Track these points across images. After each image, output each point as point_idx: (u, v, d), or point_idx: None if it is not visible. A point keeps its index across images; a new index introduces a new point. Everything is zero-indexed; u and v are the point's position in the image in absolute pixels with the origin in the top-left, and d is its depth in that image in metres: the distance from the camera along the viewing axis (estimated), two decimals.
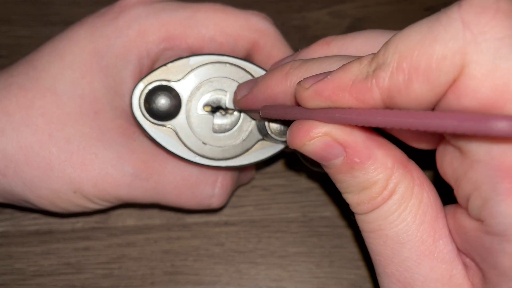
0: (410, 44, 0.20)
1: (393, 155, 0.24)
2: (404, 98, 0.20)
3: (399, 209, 0.24)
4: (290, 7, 0.44)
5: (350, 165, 0.24)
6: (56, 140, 0.31)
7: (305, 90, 0.23)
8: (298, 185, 0.39)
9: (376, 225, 0.25)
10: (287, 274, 0.37)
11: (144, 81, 0.30)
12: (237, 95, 0.30)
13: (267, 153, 0.32)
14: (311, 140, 0.24)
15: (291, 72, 0.26)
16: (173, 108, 0.31)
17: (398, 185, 0.24)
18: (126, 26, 0.31)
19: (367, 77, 0.21)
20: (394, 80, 0.20)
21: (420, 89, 0.20)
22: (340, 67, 0.22)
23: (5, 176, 0.31)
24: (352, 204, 0.25)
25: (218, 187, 0.33)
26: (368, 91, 0.21)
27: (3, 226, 0.37)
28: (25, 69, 0.32)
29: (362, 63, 0.22)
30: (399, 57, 0.20)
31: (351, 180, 0.24)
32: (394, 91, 0.20)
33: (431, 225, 0.24)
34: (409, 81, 0.20)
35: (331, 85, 0.22)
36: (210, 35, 0.32)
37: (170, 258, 0.37)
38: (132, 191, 0.32)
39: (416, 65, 0.20)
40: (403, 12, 0.44)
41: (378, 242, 0.25)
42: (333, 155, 0.24)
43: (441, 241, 0.24)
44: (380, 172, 0.24)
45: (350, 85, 0.22)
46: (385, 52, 0.21)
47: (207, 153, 0.31)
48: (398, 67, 0.20)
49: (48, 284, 0.36)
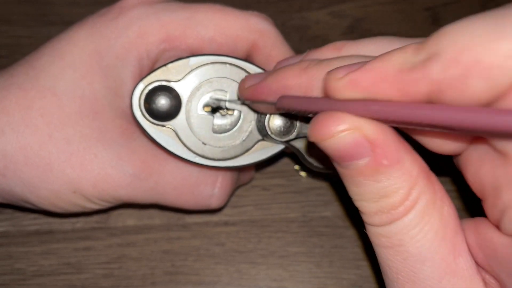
0: (472, 36, 0.18)
1: (419, 163, 0.22)
2: (456, 94, 0.18)
3: (421, 223, 0.22)
4: (290, 7, 0.44)
5: (376, 167, 0.22)
6: (55, 140, 0.30)
7: (338, 80, 0.21)
8: (298, 185, 0.39)
9: (395, 240, 0.22)
10: (287, 274, 0.37)
11: (144, 81, 0.30)
12: (245, 84, 0.29)
13: (267, 154, 0.32)
14: (338, 134, 0.21)
15: (310, 67, 0.24)
16: (173, 108, 0.31)
17: (421, 196, 0.22)
18: (126, 27, 0.31)
19: (415, 68, 0.19)
20: (448, 74, 0.18)
21: (477, 86, 0.18)
22: (378, 57, 0.20)
23: (5, 176, 0.31)
24: (368, 213, 0.23)
25: (218, 187, 0.33)
26: (414, 83, 0.19)
27: (3, 226, 0.37)
28: (25, 69, 0.31)
29: (406, 52, 0.20)
30: (457, 49, 0.18)
31: (371, 185, 0.22)
32: (445, 85, 0.18)
33: (451, 241, 0.22)
34: (466, 76, 0.18)
35: (371, 75, 0.20)
36: (210, 35, 0.32)
37: (170, 258, 0.37)
38: (132, 192, 0.32)
39: (478, 60, 0.18)
40: (403, 12, 0.44)
41: (397, 259, 0.23)
42: (359, 154, 0.22)
43: (461, 257, 0.22)
44: (406, 179, 0.22)
45: (393, 76, 0.20)
46: (438, 42, 0.19)
47: (207, 153, 0.31)
48: (455, 59, 0.18)
49: (48, 284, 0.36)
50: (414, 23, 0.44)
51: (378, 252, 0.24)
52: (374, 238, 0.24)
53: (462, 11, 0.43)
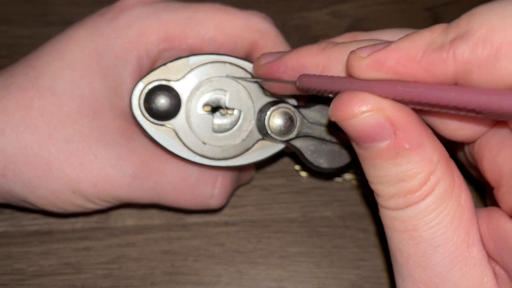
0: (504, 17, 0.18)
1: (439, 149, 0.22)
2: (485, 76, 0.18)
3: (438, 209, 0.22)
4: (290, 7, 0.44)
5: (397, 150, 0.21)
6: (55, 140, 0.30)
7: (362, 59, 0.21)
8: (298, 185, 0.39)
9: (410, 224, 0.22)
10: (287, 274, 0.37)
11: (144, 81, 0.30)
12: (261, 61, 0.28)
13: (267, 153, 0.32)
14: (362, 115, 0.21)
15: (328, 47, 0.24)
16: (172, 107, 0.31)
17: (439, 182, 0.22)
18: (126, 27, 0.31)
19: (443, 47, 0.19)
20: (478, 54, 0.18)
21: (508, 68, 0.18)
22: (404, 37, 0.20)
23: (4, 176, 0.31)
24: (384, 196, 0.23)
25: (218, 187, 0.33)
26: (442, 62, 0.19)
27: (3, 226, 0.37)
28: (25, 69, 0.31)
29: (434, 32, 0.19)
30: (488, 29, 0.18)
31: (390, 168, 0.22)
32: (474, 66, 0.18)
33: (466, 229, 0.22)
34: (496, 57, 0.18)
35: (397, 54, 0.20)
36: (210, 35, 0.32)
37: (170, 258, 0.37)
38: (132, 192, 0.32)
39: (510, 42, 0.17)
40: (403, 12, 0.44)
41: (409, 244, 0.23)
42: (380, 136, 0.21)
43: (474, 247, 0.22)
44: (425, 164, 0.21)
45: (420, 56, 0.19)
46: (469, 22, 0.18)
47: (207, 153, 0.31)
48: (486, 39, 0.18)
49: (48, 284, 0.36)
50: (414, 23, 0.44)
51: (390, 235, 0.24)
52: (387, 221, 0.23)
53: (462, 11, 0.43)
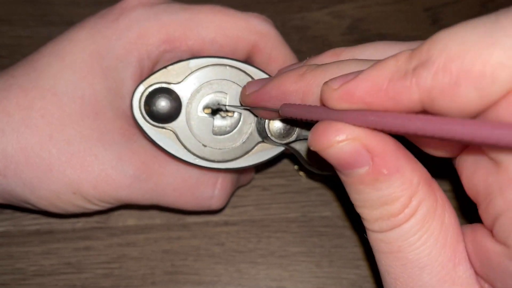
0: (463, 44, 0.18)
1: (419, 172, 0.22)
2: (447, 103, 0.18)
3: (421, 230, 0.22)
4: (290, 7, 0.44)
5: (376, 176, 0.22)
6: (56, 141, 0.31)
7: (334, 91, 0.21)
8: (298, 185, 0.39)
9: (395, 246, 0.23)
10: (287, 274, 0.37)
11: (144, 84, 0.30)
12: (246, 90, 0.29)
13: (267, 156, 0.32)
14: (339, 144, 0.21)
15: (307, 73, 0.24)
16: (173, 110, 0.31)
17: (421, 204, 0.22)
18: (127, 28, 0.31)
19: (406, 75, 0.19)
20: (438, 81, 0.18)
21: (467, 95, 0.18)
22: (372, 65, 0.20)
23: (5, 176, 0.31)
24: (369, 219, 0.23)
25: (218, 188, 0.33)
26: (406, 90, 0.19)
27: (4, 226, 0.37)
28: (26, 70, 0.31)
29: (399, 60, 0.20)
30: (447, 56, 0.18)
31: (372, 193, 0.22)
32: (436, 93, 0.18)
33: (452, 249, 0.22)
34: (456, 84, 0.18)
35: (365, 85, 0.20)
36: (211, 37, 0.32)
37: (170, 258, 0.37)
38: (132, 193, 0.32)
39: (468, 69, 0.17)
40: (403, 12, 0.44)
41: (396, 265, 0.23)
42: (358, 163, 0.22)
43: (461, 266, 0.22)
44: (406, 187, 0.22)
45: (386, 84, 0.19)
46: (429, 49, 0.18)
47: (207, 155, 0.31)
48: (445, 67, 0.18)
49: (48, 284, 0.36)
50: (414, 23, 0.44)
51: (378, 257, 0.24)
52: (374, 244, 0.24)
53: (462, 11, 0.43)
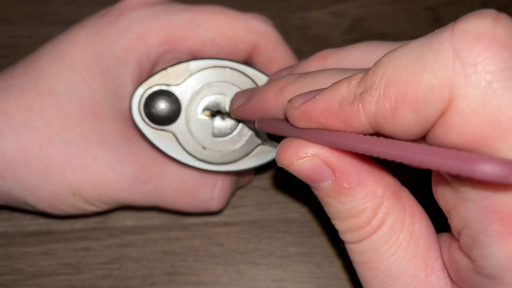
0: (398, 69, 0.19)
1: (384, 183, 0.23)
2: (391, 126, 0.19)
3: (390, 241, 0.23)
4: (290, 7, 0.44)
5: (338, 189, 0.23)
6: (55, 142, 0.30)
7: (295, 109, 0.22)
8: (298, 185, 0.39)
9: (366, 257, 0.24)
10: (287, 275, 0.37)
11: (144, 86, 0.30)
12: (233, 104, 0.30)
13: (267, 158, 0.32)
14: (300, 160, 0.23)
15: (286, 87, 0.25)
16: (172, 112, 0.31)
17: (388, 215, 0.23)
18: (126, 29, 0.31)
19: (354, 101, 0.20)
20: (380, 107, 0.19)
21: (406, 119, 0.19)
22: (329, 87, 0.21)
23: (4, 178, 0.31)
24: (340, 231, 0.24)
25: (218, 190, 0.33)
26: (354, 115, 0.20)
27: (2, 227, 0.37)
28: (25, 70, 0.31)
29: (350, 84, 0.21)
30: (386, 82, 0.19)
31: (338, 206, 0.23)
32: (380, 118, 0.19)
33: (423, 259, 0.23)
34: (395, 109, 0.19)
35: (319, 106, 0.21)
36: (211, 37, 0.32)
37: (169, 258, 0.37)
38: (131, 194, 0.32)
39: (403, 94, 0.18)
40: (403, 12, 0.44)
41: (370, 275, 0.24)
42: (321, 178, 0.23)
43: (433, 275, 0.23)
44: (369, 200, 0.23)
45: (337, 108, 0.21)
46: (373, 75, 0.19)
47: (207, 157, 0.31)
48: (385, 93, 0.19)
49: (47, 285, 0.36)
50: (414, 23, 0.44)
51: (354, 267, 0.25)
52: (349, 254, 0.25)
53: (462, 11, 0.42)
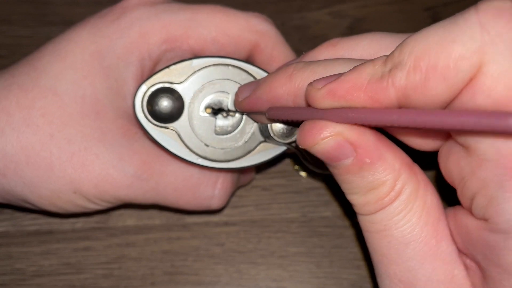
0: (427, 44, 0.20)
1: (400, 157, 0.24)
2: (420, 97, 0.21)
3: (405, 210, 0.24)
4: (290, 7, 0.44)
5: (360, 165, 0.24)
6: (57, 140, 0.30)
7: (318, 90, 0.23)
8: (298, 185, 0.39)
9: (381, 225, 0.25)
10: (287, 274, 0.37)
11: (147, 83, 0.30)
12: (239, 97, 0.30)
13: (269, 155, 0.32)
14: (324, 140, 0.24)
15: (295, 74, 0.26)
16: (175, 110, 0.31)
17: (405, 186, 0.24)
18: (128, 27, 0.31)
19: (383, 77, 0.21)
20: (411, 79, 0.20)
21: (436, 88, 0.20)
22: (352, 69, 0.23)
23: (5, 176, 0.31)
24: (358, 204, 0.25)
25: (219, 188, 0.33)
26: (383, 90, 0.21)
27: (3, 226, 0.37)
28: (26, 69, 0.31)
29: (376, 64, 0.22)
30: (416, 57, 0.20)
31: (359, 181, 0.24)
32: (410, 90, 0.21)
33: (434, 226, 0.24)
34: (426, 79, 0.20)
35: (346, 85, 0.22)
36: (212, 36, 0.32)
37: (170, 258, 0.37)
38: (133, 192, 0.32)
39: (434, 64, 0.20)
40: (403, 12, 0.44)
41: (383, 243, 0.25)
42: (343, 155, 0.24)
43: (443, 242, 0.24)
44: (389, 173, 0.24)
45: (366, 85, 0.22)
46: (400, 53, 0.21)
47: (209, 155, 0.31)
48: (415, 66, 0.20)
49: (48, 284, 0.36)
50: (414, 23, 0.44)
51: (367, 238, 0.26)
52: (363, 225, 0.26)
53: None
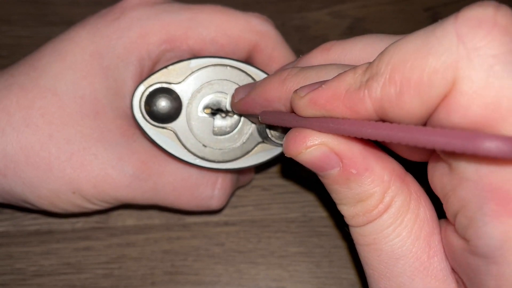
0: (404, 55, 0.19)
1: (390, 168, 0.24)
2: (396, 111, 0.20)
3: (395, 223, 0.24)
4: (290, 7, 0.44)
5: (346, 176, 0.23)
6: (56, 140, 0.31)
7: (301, 98, 0.23)
8: (298, 185, 0.39)
9: (370, 238, 0.24)
10: (287, 274, 0.37)
11: (145, 84, 0.30)
12: (235, 98, 0.30)
13: (267, 156, 0.32)
14: (307, 149, 0.23)
15: (288, 79, 0.26)
16: (173, 110, 0.31)
17: (395, 198, 0.23)
18: (127, 28, 0.31)
19: (360, 87, 0.21)
20: (385, 92, 0.20)
21: (411, 102, 0.19)
22: (335, 76, 0.22)
23: (5, 176, 0.31)
24: (347, 216, 0.25)
25: (218, 188, 0.33)
26: (360, 101, 0.21)
27: (4, 226, 0.37)
28: (26, 69, 0.31)
29: (356, 73, 0.21)
30: (391, 68, 0.19)
31: (346, 192, 0.24)
32: (385, 103, 0.20)
33: (426, 241, 0.24)
34: (401, 93, 0.19)
35: (326, 94, 0.22)
36: (211, 36, 0.32)
37: (170, 258, 0.37)
38: (132, 192, 0.32)
39: (408, 78, 0.19)
40: (403, 12, 0.44)
41: (372, 256, 0.24)
42: (329, 166, 0.24)
43: (435, 257, 0.24)
44: (377, 184, 0.23)
45: (344, 95, 0.21)
46: (379, 63, 0.20)
47: (207, 155, 0.31)
48: (390, 78, 0.19)
49: (48, 284, 0.36)
50: (414, 23, 0.44)
51: (357, 249, 0.25)
52: (353, 237, 0.25)
53: None
